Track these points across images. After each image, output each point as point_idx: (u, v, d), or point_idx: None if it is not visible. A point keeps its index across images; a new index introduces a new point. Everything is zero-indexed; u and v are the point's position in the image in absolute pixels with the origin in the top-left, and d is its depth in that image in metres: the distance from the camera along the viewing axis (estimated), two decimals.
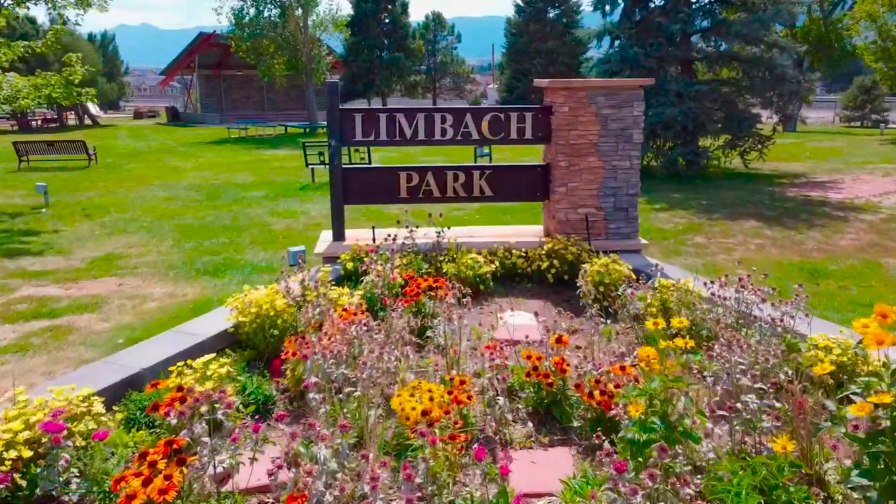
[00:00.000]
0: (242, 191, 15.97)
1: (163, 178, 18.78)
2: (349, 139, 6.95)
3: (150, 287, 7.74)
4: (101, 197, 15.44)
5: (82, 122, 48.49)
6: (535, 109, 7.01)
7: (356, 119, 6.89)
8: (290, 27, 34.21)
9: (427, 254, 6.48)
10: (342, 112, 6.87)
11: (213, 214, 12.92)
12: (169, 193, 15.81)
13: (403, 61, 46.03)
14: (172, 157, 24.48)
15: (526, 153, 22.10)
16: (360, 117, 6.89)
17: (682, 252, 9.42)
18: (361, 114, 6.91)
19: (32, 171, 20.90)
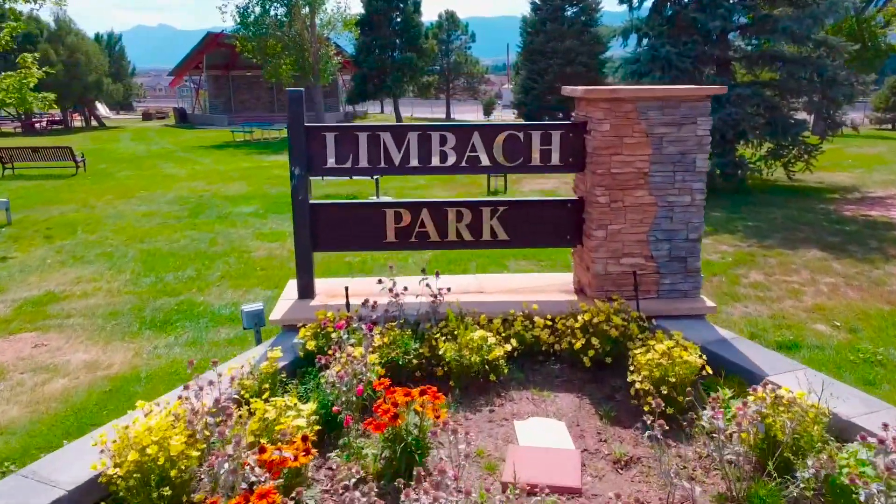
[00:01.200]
0: (231, 205, 14.33)
1: (150, 188, 17.19)
2: (318, 165, 5.23)
3: (71, 350, 6.07)
4: (74, 212, 13.85)
5: (88, 124, 47.20)
6: (564, 127, 5.26)
7: (328, 139, 5.17)
8: (296, 26, 32.57)
9: (419, 325, 4.75)
10: (309, 130, 5.16)
11: (190, 236, 11.27)
12: (150, 208, 14.20)
13: (416, 61, 44.25)
14: (168, 164, 22.93)
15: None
16: (332, 137, 5.17)
17: (739, 296, 7.62)
18: (335, 132, 5.19)
19: (17, 178, 19.41)
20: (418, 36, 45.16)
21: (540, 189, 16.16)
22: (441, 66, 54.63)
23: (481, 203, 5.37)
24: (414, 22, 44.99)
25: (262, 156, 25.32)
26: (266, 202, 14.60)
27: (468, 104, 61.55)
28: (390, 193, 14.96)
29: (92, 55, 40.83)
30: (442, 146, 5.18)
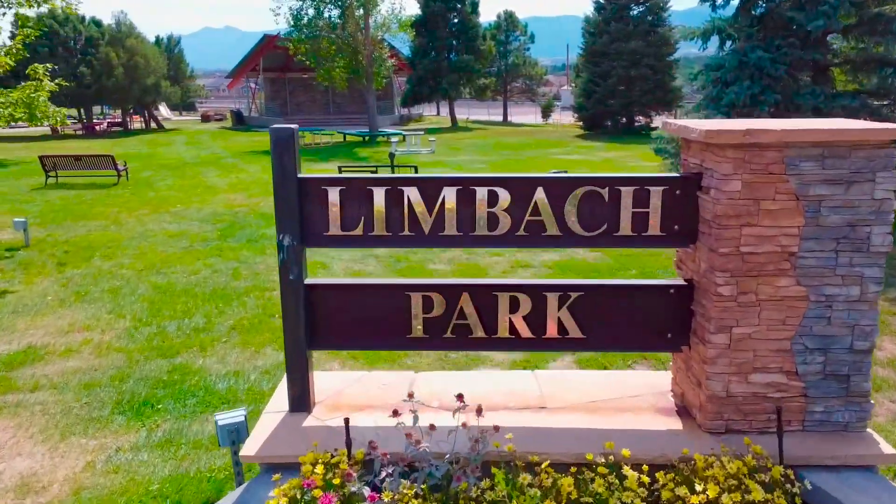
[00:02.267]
0: (265, 225, 13.06)
1: (187, 201, 16.14)
2: (317, 233, 3.73)
3: (13, 451, 4.72)
4: (100, 231, 12.81)
5: (148, 126, 47.31)
6: (668, 182, 3.61)
7: (330, 196, 3.67)
8: (350, 28, 31.43)
9: (449, 481, 3.18)
10: (303, 184, 3.68)
11: (213, 266, 10.00)
12: (180, 227, 13.06)
13: (472, 64, 42.72)
14: (213, 172, 21.99)
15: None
16: (336, 192, 3.67)
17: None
18: (340, 186, 3.68)
19: (59, 187, 18.69)
20: (476, 37, 43.60)
21: None
22: (498, 68, 52.90)
23: (546, 287, 3.77)
24: (471, 23, 43.46)
25: (309, 164, 24.17)
26: None
27: (525, 106, 59.61)
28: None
29: (151, 58, 40.70)
30: (491, 206, 3.62)
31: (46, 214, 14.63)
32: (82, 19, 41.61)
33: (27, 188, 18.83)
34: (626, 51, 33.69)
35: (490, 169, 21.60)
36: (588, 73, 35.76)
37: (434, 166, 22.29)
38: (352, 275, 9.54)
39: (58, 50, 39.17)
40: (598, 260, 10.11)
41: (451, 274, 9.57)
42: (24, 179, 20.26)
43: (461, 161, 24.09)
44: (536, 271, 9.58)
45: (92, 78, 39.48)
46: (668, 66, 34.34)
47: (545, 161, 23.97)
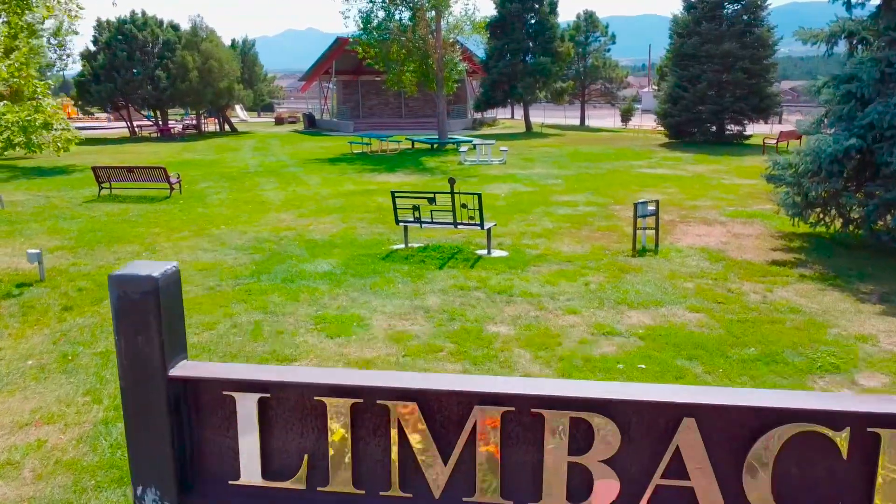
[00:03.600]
0: (308, 256, 11.43)
1: (234, 221, 14.76)
2: (214, 482, 1.86)
3: None
4: (129, 260, 11.47)
5: (222, 129, 47.12)
6: None
7: (238, 413, 1.78)
8: (420, 31, 29.74)
9: None
10: (183, 388, 1.80)
11: (233, 318, 8.39)
12: (215, 257, 11.59)
13: (549, 66, 40.35)
14: (271, 184, 20.69)
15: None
16: (254, 404, 1.77)
17: None
18: (261, 393, 1.78)
19: (111, 200, 17.73)
20: (553, 38, 41.22)
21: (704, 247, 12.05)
22: (577, 70, 50.27)
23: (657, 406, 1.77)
24: (549, 23, 41.12)
25: (372, 174, 22.62)
26: (349, 254, 11.57)
27: (603, 109, 56.68)
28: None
29: (225, 61, 40.25)
30: (577, 452, 1.65)
31: (83, 235, 13.48)
32: (160, 23, 41.59)
33: (80, 200, 17.95)
34: (717, 53, 30.72)
35: (565, 185, 19.45)
36: (675, 78, 32.91)
37: (503, 181, 20.30)
38: (393, 337, 7.72)
39: (135, 54, 39.18)
40: (702, 326, 7.93)
41: (516, 340, 7.61)
42: (82, 190, 19.46)
43: (534, 175, 22.01)
44: (624, 343, 7.50)
45: (167, 81, 39.32)
46: (765, 69, 31.15)
47: (628, 176, 21.61)
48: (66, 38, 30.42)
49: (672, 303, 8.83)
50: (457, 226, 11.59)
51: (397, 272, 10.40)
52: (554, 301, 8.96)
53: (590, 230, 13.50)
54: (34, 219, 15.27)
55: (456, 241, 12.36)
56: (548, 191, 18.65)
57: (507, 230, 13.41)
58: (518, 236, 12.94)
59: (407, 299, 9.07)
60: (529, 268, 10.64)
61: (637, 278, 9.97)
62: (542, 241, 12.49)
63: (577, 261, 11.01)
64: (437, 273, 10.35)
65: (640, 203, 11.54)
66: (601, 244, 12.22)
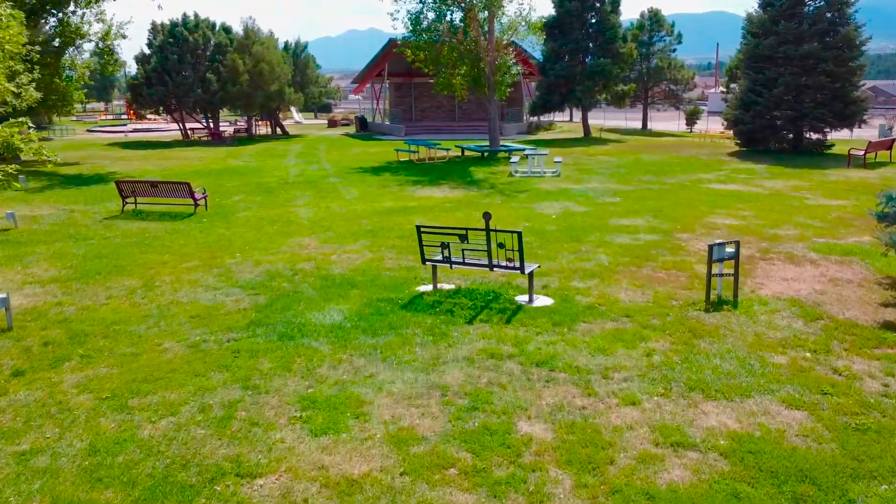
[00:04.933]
0: (319, 300, 9.76)
1: (252, 247, 13.26)
2: None
3: None
4: (120, 300, 10.04)
5: (274, 133, 46.30)
6: None
7: None
8: (471, 32, 27.87)
9: None
10: None
11: (204, 395, 6.76)
12: (216, 298, 10.04)
13: (610, 67, 37.84)
14: (305, 198, 19.21)
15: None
16: None
17: None
18: None
19: (133, 217, 16.55)
20: (615, 38, 38.69)
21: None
22: (639, 71, 47.47)
23: None
24: (611, 23, 38.60)
25: (414, 188, 20.90)
26: (367, 298, 9.84)
27: (667, 111, 53.53)
28: None
29: (276, 64, 39.27)
30: None
31: (85, 263, 12.18)
32: (212, 26, 40.93)
33: (103, 216, 16.84)
34: (797, 54, 27.79)
35: (624, 204, 17.29)
36: (748, 81, 30.07)
37: (555, 198, 18.25)
38: (394, 438, 5.93)
39: (186, 57, 38.57)
40: (806, 435, 5.84)
41: (553, 451, 5.70)
42: (109, 203, 18.38)
43: (589, 190, 19.88)
44: (700, 463, 5.49)
45: (218, 85, 38.57)
46: (850, 72, 28.03)
47: (695, 193, 19.26)
48: (114, 43, 29.75)
49: (762, 391, 6.75)
50: (493, 268, 9.71)
51: (418, 327, 8.60)
52: (607, 382, 7.00)
53: (652, 268, 11.41)
54: (44, 240, 14.11)
55: (493, 283, 10.48)
56: (604, 211, 16.55)
57: (554, 265, 11.45)
58: (567, 275, 10.97)
59: (422, 372, 7.27)
60: (578, 324, 8.69)
61: (713, 347, 7.90)
62: (595, 284, 10.48)
63: (638, 315, 8.99)
64: (466, 330, 8.52)
65: (717, 245, 9.41)
66: (666, 289, 10.14)
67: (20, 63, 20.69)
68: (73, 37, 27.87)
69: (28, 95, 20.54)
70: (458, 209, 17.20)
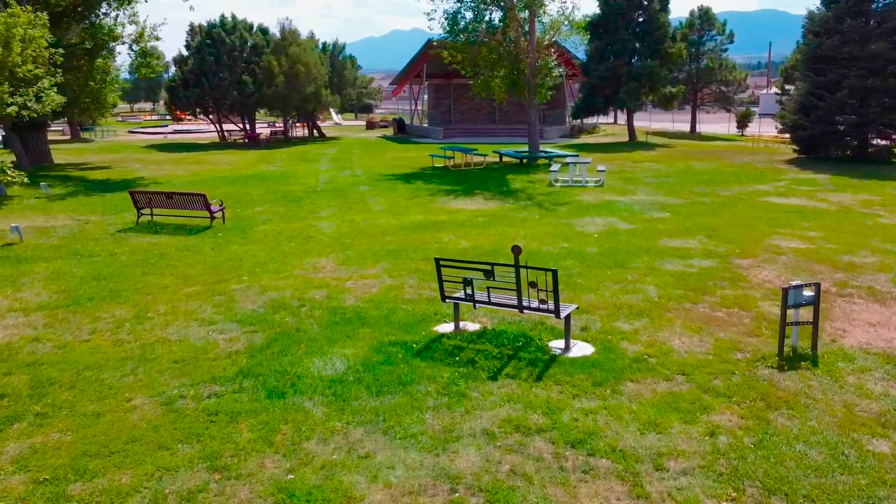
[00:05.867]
0: (322, 341, 8.46)
1: (263, 269, 12.07)
2: None
3: None
4: (105, 335, 8.91)
5: (311, 135, 45.46)
6: None
7: None
8: (511, 32, 26.34)
9: None
10: None
11: (163, 481, 5.50)
12: (208, 336, 8.83)
13: (657, 69, 35.83)
14: (330, 209, 18.00)
15: None
16: None
17: None
18: None
19: (148, 230, 15.56)
20: (663, 38, 36.65)
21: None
22: (688, 73, 45.18)
23: None
24: (659, 22, 36.57)
25: (446, 199, 19.52)
26: (377, 340, 8.49)
27: (716, 113, 50.96)
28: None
29: (312, 66, 38.32)
30: None
31: (81, 286, 11.13)
32: (250, 28, 40.20)
33: (117, 227, 15.90)
34: (863, 55, 25.55)
35: (675, 221, 15.60)
36: (808, 84, 27.87)
37: (598, 212, 16.64)
38: None
39: (223, 58, 37.91)
40: None
41: None
42: (127, 213, 17.43)
43: (635, 203, 18.22)
44: None
45: (254, 86, 37.81)
46: None
47: (753, 208, 17.44)
48: (147, 44, 29.10)
49: (865, 498, 5.17)
50: (522, 310, 8.25)
51: (432, 384, 7.21)
52: (660, 476, 5.50)
53: (710, 304, 9.81)
54: (47, 256, 13.16)
55: (524, 322, 9.02)
56: (652, 229, 14.91)
57: (596, 299, 9.94)
58: (611, 312, 9.45)
59: (430, 452, 5.88)
60: (624, 383, 7.19)
61: (793, 425, 6.32)
62: (643, 326, 8.94)
63: (696, 373, 7.44)
64: (488, 388, 7.10)
65: (793, 289, 7.77)
66: (729, 335, 8.54)
67: (43, 66, 19.99)
68: (105, 39, 27.27)
69: (49, 100, 19.84)
70: (491, 225, 15.76)
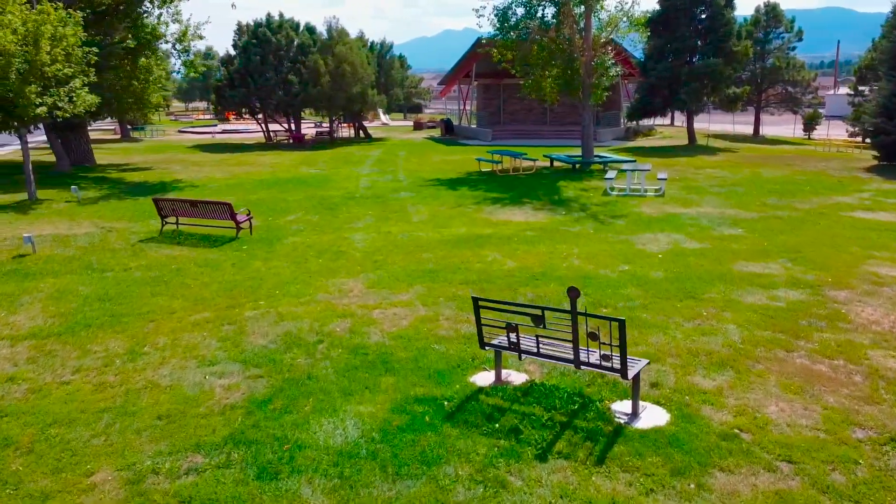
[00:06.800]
0: (336, 393, 7.01)
1: (284, 291, 10.71)
2: None
3: None
4: (89, 378, 7.66)
5: (357, 135, 44.38)
6: None
7: None
8: (565, 29, 24.52)
9: None
10: None
11: None
12: (205, 380, 7.49)
13: (721, 68, 33.42)
14: (366, 219, 16.60)
15: None
16: None
17: None
18: None
19: (171, 240, 14.43)
20: (728, 36, 34.20)
21: None
22: (752, 72, 42.40)
23: None
24: (724, 18, 34.14)
25: (492, 208, 17.90)
26: (402, 392, 6.98)
27: (779, 115, 47.81)
28: None
29: (358, 66, 37.15)
30: None
31: (82, 309, 9.95)
32: (296, 27, 39.29)
33: (138, 237, 14.82)
34: None
35: (750, 240, 13.66)
36: (891, 84, 25.24)
37: (660, 227, 14.77)
38: None
39: (269, 58, 37.06)
40: None
41: None
42: (152, 220, 16.35)
43: (702, 216, 16.27)
44: None
45: (299, 86, 36.86)
46: None
47: (837, 223, 15.31)
48: (190, 44, 28.33)
49: None
50: (580, 366, 6.61)
51: (464, 464, 5.66)
52: None
53: (808, 353, 7.97)
54: (58, 270, 12.08)
55: (581, 375, 7.37)
56: (725, 250, 13.02)
57: (666, 341, 8.22)
58: (686, 361, 7.72)
59: None
60: (713, 473, 5.50)
61: None
62: (728, 381, 7.19)
63: (806, 459, 5.70)
64: (535, 474, 5.51)
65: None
66: (839, 401, 6.72)
67: (77, 66, 19.16)
68: (148, 38, 26.53)
69: (81, 100, 19.00)
70: (541, 241, 14.10)
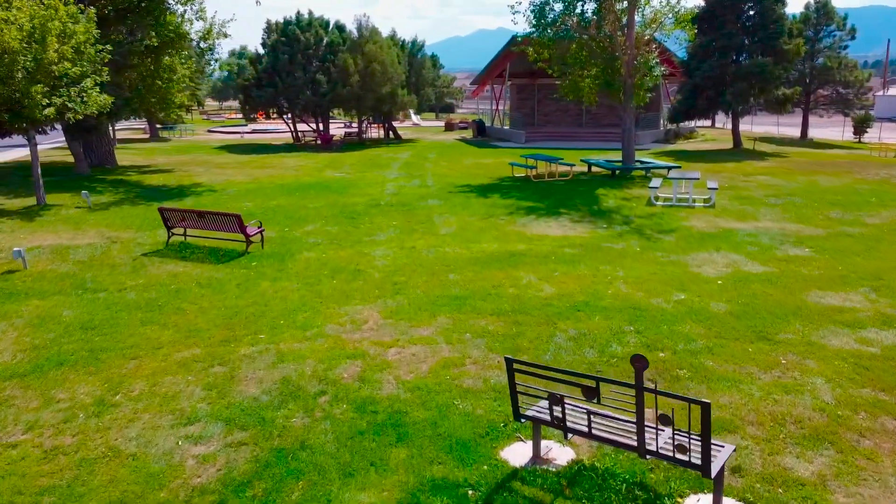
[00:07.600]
0: (336, 473, 5.58)
1: (289, 321, 9.34)
2: None
3: None
4: (41, 431, 6.35)
5: (386, 136, 43.07)
6: None
7: None
8: (607, 27, 22.80)
9: None
10: None
11: None
12: (179, 445, 6.14)
13: (770, 67, 31.29)
14: (389, 231, 15.16)
15: None
16: None
17: None
18: None
19: (173, 254, 13.20)
20: (778, 34, 32.02)
21: None
22: (801, 72, 40.00)
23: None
24: (774, 15, 31.97)
25: (525, 219, 16.34)
26: (416, 474, 5.52)
27: (829, 117, 45.20)
28: None
29: (388, 65, 35.81)
30: None
31: (60, 340, 8.71)
32: (325, 25, 38.09)
33: (143, 249, 13.62)
34: None
35: (821, 263, 11.88)
36: None
37: (715, 245, 13.04)
38: None
39: (297, 57, 35.92)
40: None
41: None
42: (161, 229, 15.16)
43: (761, 232, 14.50)
44: None
45: (328, 86, 35.65)
46: None
47: None
48: (216, 42, 27.26)
49: None
50: (645, 455, 5.06)
51: None
52: None
53: None
54: (46, 290, 10.88)
55: (639, 462, 5.81)
56: (794, 274, 11.29)
57: (740, 399, 6.61)
58: (770, 432, 6.12)
59: None
60: None
61: None
62: (830, 467, 5.57)
63: None
64: None
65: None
66: None
67: (89, 64, 18.10)
68: (171, 36, 25.50)
69: (93, 100, 17.93)
70: (581, 260, 12.52)
